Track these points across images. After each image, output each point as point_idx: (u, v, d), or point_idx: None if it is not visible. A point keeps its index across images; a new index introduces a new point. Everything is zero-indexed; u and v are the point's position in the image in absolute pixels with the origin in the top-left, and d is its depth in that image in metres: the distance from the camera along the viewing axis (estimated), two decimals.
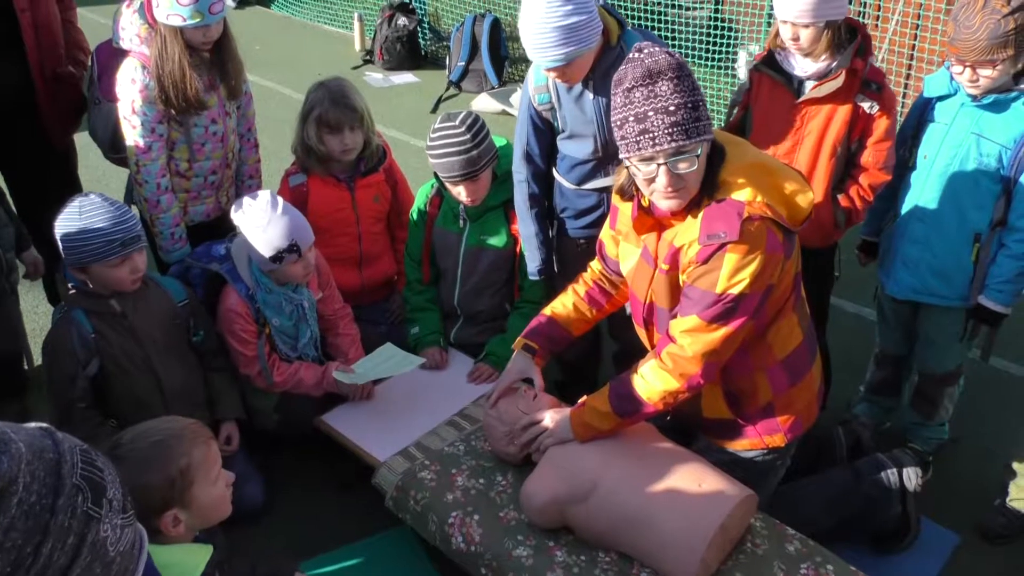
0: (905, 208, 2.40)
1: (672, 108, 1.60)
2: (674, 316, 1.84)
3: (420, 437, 2.39)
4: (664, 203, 1.75)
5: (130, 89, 2.52)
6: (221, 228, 2.82)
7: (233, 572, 1.78)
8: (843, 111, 2.31)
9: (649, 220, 1.85)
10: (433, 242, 2.81)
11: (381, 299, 3.16)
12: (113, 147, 2.74)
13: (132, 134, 2.58)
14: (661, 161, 1.65)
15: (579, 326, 2.19)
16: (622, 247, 2.03)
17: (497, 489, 2.10)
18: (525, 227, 2.61)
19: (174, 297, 2.46)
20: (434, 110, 5.68)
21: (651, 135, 1.62)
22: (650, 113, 1.61)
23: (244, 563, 1.83)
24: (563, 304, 2.20)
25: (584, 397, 2.02)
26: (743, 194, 1.70)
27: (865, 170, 2.38)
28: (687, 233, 1.77)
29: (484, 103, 5.72)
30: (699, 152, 1.66)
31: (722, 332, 1.74)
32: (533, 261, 2.63)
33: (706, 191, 1.74)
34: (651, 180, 1.68)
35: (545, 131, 2.42)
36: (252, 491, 2.49)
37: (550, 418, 2.03)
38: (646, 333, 2.03)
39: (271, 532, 2.49)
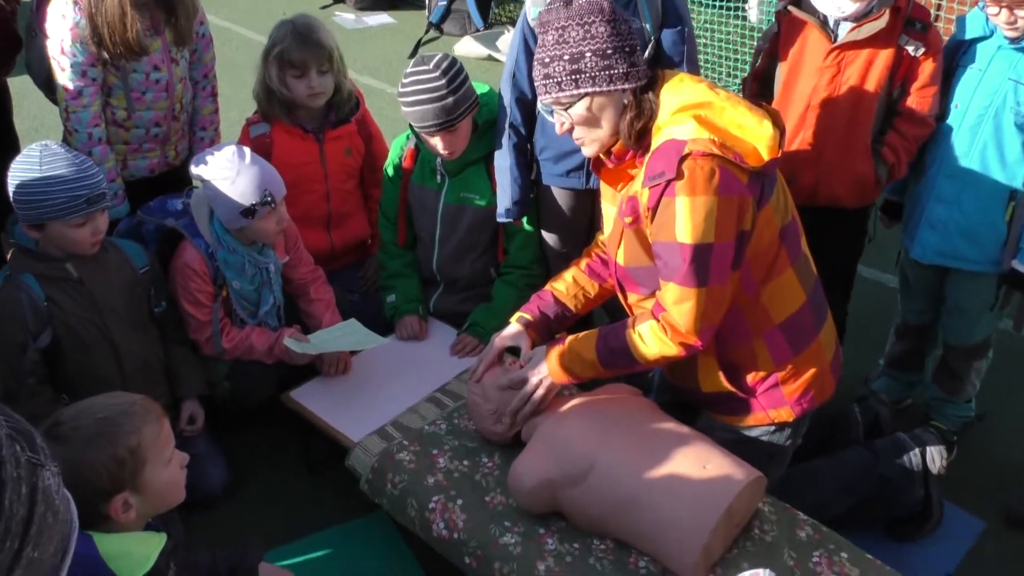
0: (933, 163, 2.38)
1: (547, 60, 1.79)
2: (643, 281, 1.91)
3: (398, 415, 2.38)
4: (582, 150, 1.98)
5: (59, 26, 2.45)
6: (168, 184, 2.77)
7: (190, 563, 1.78)
8: (884, 55, 2.29)
9: (612, 170, 1.94)
10: (409, 200, 2.79)
11: (353, 264, 3.14)
12: (49, 86, 2.68)
13: (62, 76, 2.51)
14: (559, 110, 1.85)
15: (580, 303, 2.20)
16: (604, 209, 2.08)
17: (482, 471, 2.10)
18: (501, 158, 2.60)
19: (135, 263, 2.43)
20: (412, 55, 5.60)
21: (538, 84, 1.84)
22: (536, 63, 1.83)
23: (203, 553, 1.83)
24: (563, 278, 2.21)
25: (563, 336, 2.05)
26: (685, 131, 1.73)
27: (909, 119, 2.36)
28: (640, 179, 1.82)
29: (468, 47, 5.62)
30: (583, 107, 1.80)
31: (705, 292, 1.77)
32: (504, 199, 2.61)
33: (638, 138, 1.83)
34: (561, 126, 1.91)
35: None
36: (214, 473, 2.48)
37: (535, 372, 2.04)
38: (622, 297, 2.07)
39: (234, 518, 2.48)
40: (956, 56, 2.33)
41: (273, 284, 2.61)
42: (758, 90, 2.56)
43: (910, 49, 2.26)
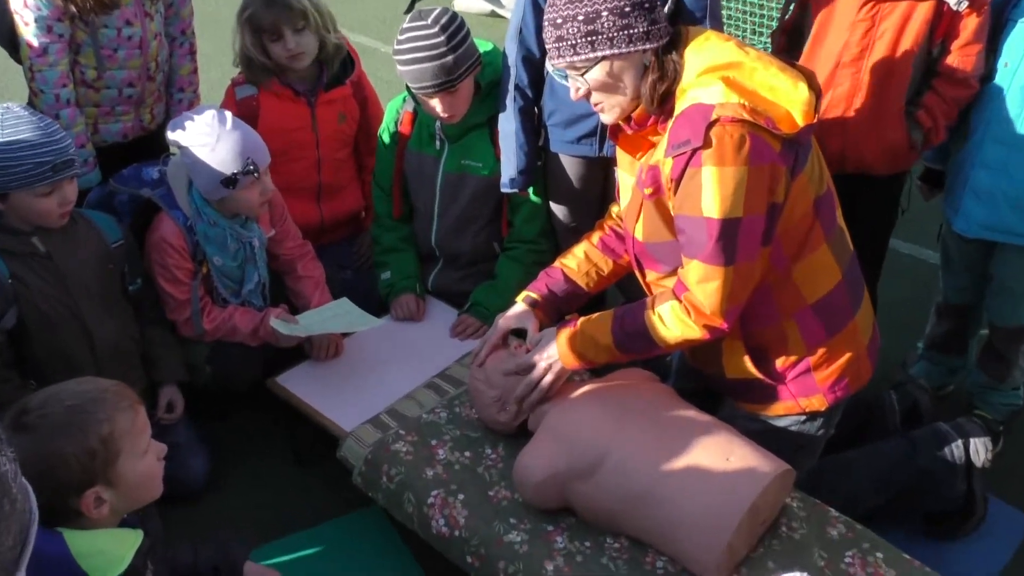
0: (978, 128, 2.35)
1: (559, 20, 1.76)
2: (663, 258, 1.90)
3: (394, 403, 2.38)
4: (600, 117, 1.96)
5: None
6: (143, 150, 2.76)
7: (169, 561, 1.78)
8: (924, 8, 2.27)
9: (631, 136, 1.92)
10: (406, 168, 2.78)
11: (345, 239, 3.13)
12: (12, 43, 2.65)
13: (25, 32, 2.50)
14: (574, 75, 1.84)
15: (592, 280, 2.19)
16: (620, 179, 2.06)
17: (486, 463, 2.10)
18: (505, 122, 2.58)
19: (107, 236, 2.41)
20: (408, 10, 5.54)
21: (550, 47, 1.82)
22: (547, 24, 1.81)
23: (184, 550, 1.82)
24: (573, 254, 2.21)
25: (575, 317, 2.03)
26: (712, 95, 1.70)
27: (949, 79, 2.34)
28: (662, 147, 1.80)
29: (469, 1, 5.61)
30: (601, 71, 1.78)
31: (732, 271, 1.75)
32: (508, 168, 2.60)
33: (660, 103, 1.79)
34: (576, 92, 1.89)
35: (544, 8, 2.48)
36: (195, 465, 2.49)
37: (542, 356, 2.03)
38: (640, 275, 2.06)
39: (217, 514, 2.48)
40: (1006, 10, 2.29)
41: (258, 260, 2.60)
42: (786, 44, 2.54)
43: (952, 2, 2.23)
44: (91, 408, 1.48)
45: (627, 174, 2.01)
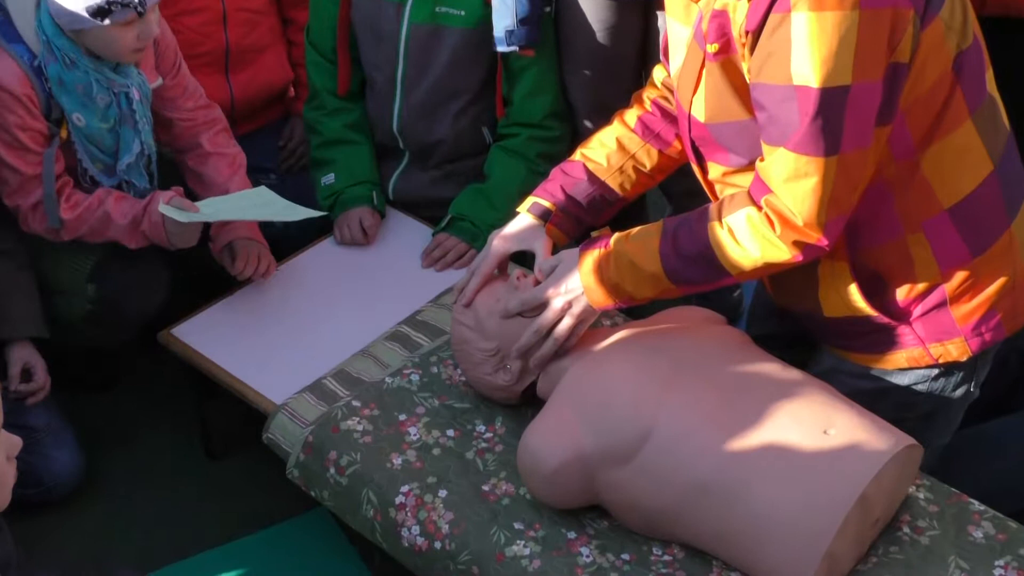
0: None
1: None
2: (734, 146, 1.90)
3: (343, 361, 2.40)
4: None
5: None
6: None
7: None
8: None
9: None
10: (355, 20, 2.75)
11: (266, 129, 3.15)
12: None
13: None
14: None
15: (629, 180, 2.19)
16: (670, 31, 2.05)
17: (478, 446, 2.12)
18: None
19: None
20: None
21: None
22: None
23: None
24: (601, 142, 2.20)
25: (605, 234, 2.03)
26: None
27: None
28: None
29: None
30: None
31: (835, 163, 1.74)
32: (504, 16, 2.57)
33: None
34: None
35: None
36: (61, 458, 2.50)
37: (558, 290, 2.04)
38: (699, 171, 2.07)
39: (96, 526, 2.50)
40: None
41: (138, 121, 2.56)
42: None
43: None
44: None
45: (680, 24, 1.97)
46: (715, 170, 2.02)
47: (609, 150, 2.17)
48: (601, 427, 1.92)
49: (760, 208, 1.82)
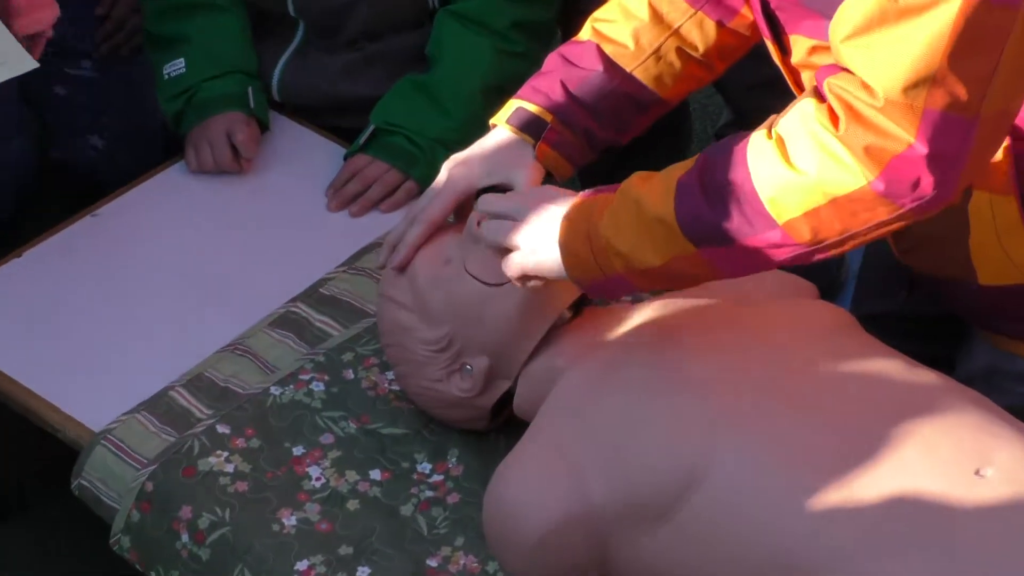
0: None
1: None
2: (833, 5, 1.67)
3: (201, 362, 2.31)
4: None
5: None
6: None
7: None
8: None
9: None
10: None
11: None
12: None
13: None
14: None
15: (671, 71, 2.12)
16: None
17: (421, 496, 2.06)
18: None
19: None
20: None
21: None
22: None
23: None
24: (624, 9, 2.11)
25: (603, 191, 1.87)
26: None
27: None
28: None
29: None
30: None
31: (956, 6, 1.51)
32: None
33: None
34: None
35: None
36: None
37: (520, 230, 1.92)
38: (776, 52, 1.97)
39: None
40: None
41: None
42: None
43: None
44: None
45: None
46: (800, 47, 1.88)
47: (638, 23, 2.08)
48: (620, 467, 1.83)
49: (823, 96, 1.72)
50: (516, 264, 1.91)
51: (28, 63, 2.38)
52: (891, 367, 1.90)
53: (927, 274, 2.03)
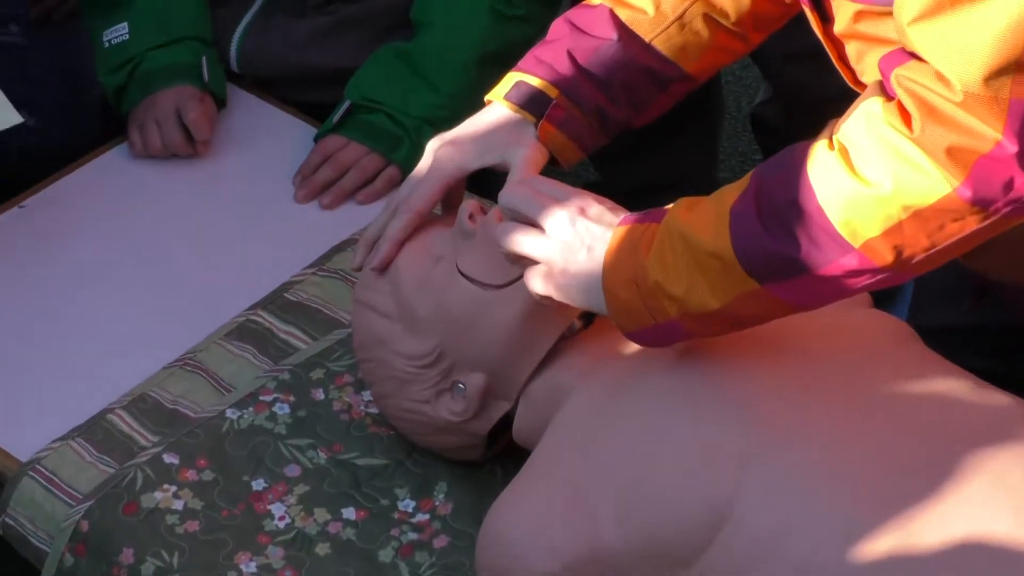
0: None
1: None
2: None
3: (146, 380, 2.31)
4: None
5: None
6: None
7: None
8: None
9: None
10: None
11: None
12: None
13: None
14: None
15: (696, 41, 2.11)
16: None
17: (403, 539, 2.03)
18: None
19: None
20: None
21: None
22: None
23: None
24: None
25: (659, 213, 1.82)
26: None
27: None
28: None
29: None
30: None
31: None
32: None
33: None
34: None
35: None
36: None
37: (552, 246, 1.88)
38: (816, 21, 1.93)
39: None
40: None
41: None
42: None
43: None
44: None
45: None
46: (844, 12, 1.82)
47: None
48: (637, 504, 1.79)
49: (891, 93, 1.71)
50: (542, 283, 1.90)
51: (13, 117, 2.43)
52: (957, 388, 1.86)
53: (998, 279, 1.98)
